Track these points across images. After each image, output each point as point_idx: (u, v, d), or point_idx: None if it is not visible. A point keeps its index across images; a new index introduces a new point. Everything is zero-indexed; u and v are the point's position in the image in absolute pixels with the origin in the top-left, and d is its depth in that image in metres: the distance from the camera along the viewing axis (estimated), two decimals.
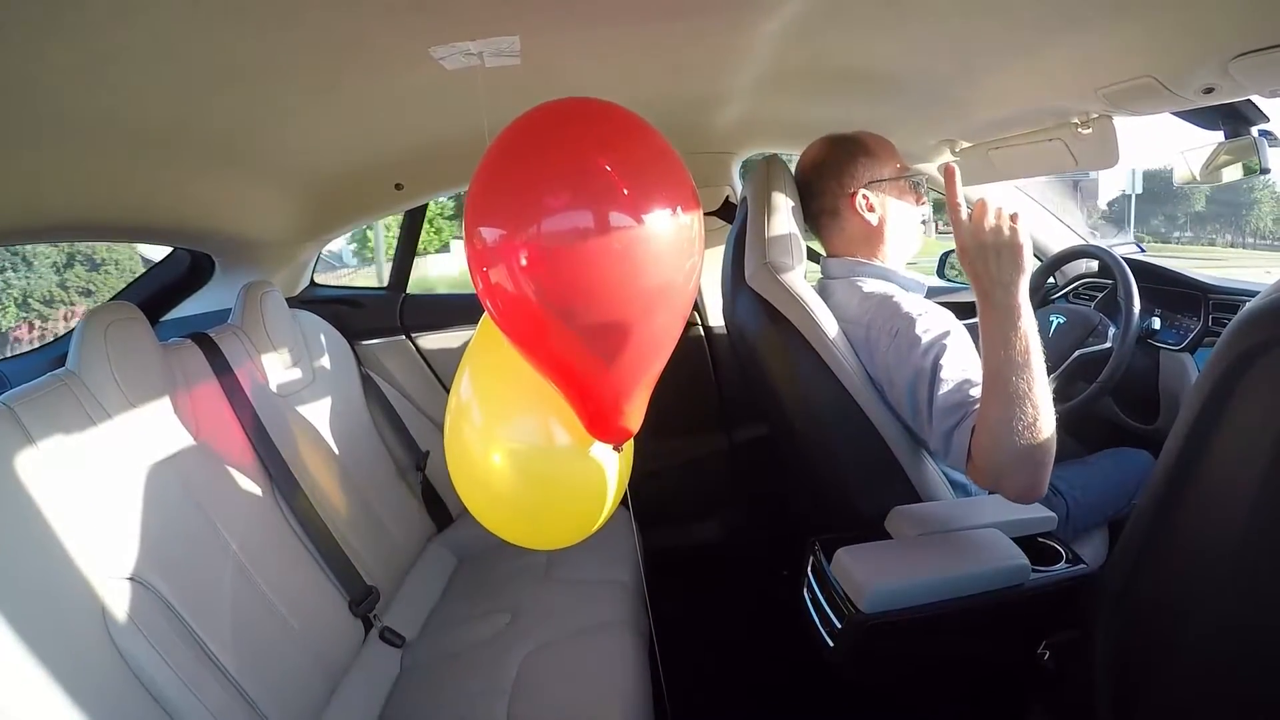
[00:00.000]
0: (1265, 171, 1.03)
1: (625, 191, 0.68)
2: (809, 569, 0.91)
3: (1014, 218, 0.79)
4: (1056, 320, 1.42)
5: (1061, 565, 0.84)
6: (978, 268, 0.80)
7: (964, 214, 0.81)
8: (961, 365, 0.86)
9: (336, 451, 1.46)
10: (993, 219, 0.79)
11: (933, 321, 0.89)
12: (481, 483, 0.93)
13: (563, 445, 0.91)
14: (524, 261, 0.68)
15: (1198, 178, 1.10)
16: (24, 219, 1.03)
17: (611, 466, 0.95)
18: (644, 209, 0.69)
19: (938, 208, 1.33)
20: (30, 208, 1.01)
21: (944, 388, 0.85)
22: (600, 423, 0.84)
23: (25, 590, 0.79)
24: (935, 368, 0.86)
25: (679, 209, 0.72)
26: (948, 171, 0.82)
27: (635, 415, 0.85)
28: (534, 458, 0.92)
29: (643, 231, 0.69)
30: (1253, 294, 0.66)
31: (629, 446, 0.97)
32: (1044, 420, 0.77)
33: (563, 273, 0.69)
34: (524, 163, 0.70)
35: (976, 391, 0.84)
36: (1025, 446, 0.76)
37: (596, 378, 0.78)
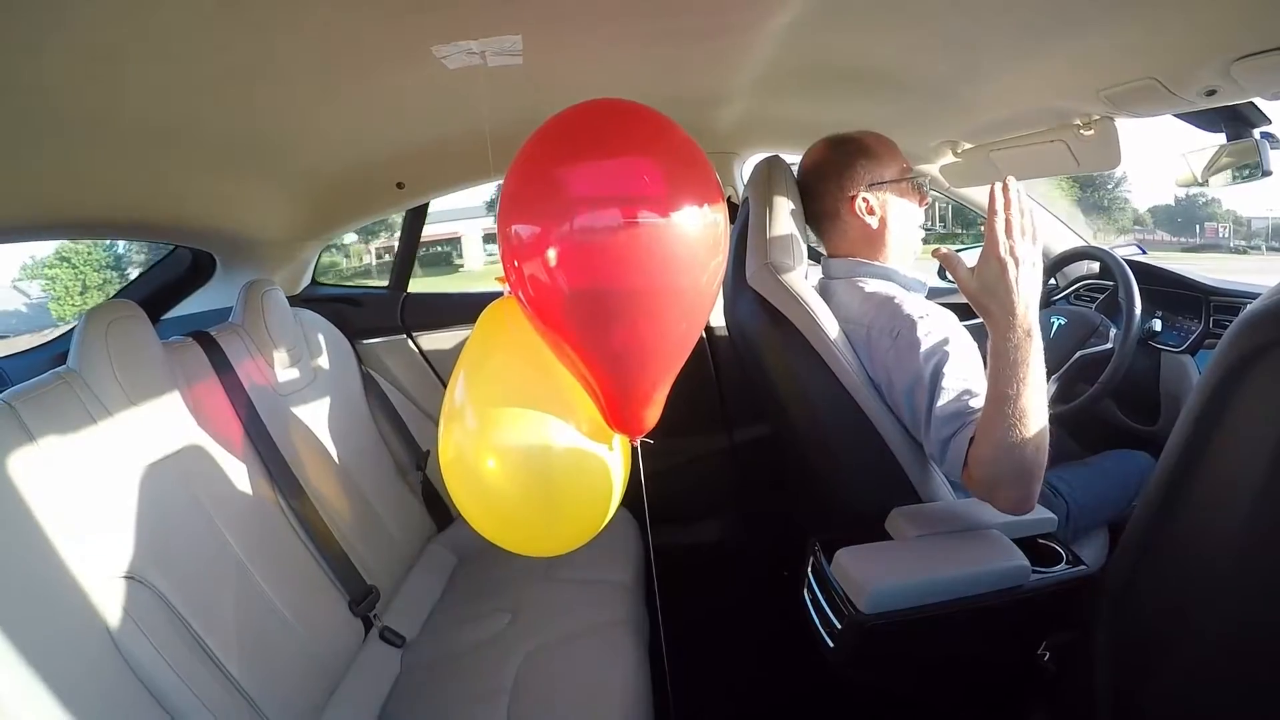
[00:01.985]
0: (1267, 174, 1.03)
1: (660, 192, 0.70)
2: (809, 569, 0.91)
3: (1034, 236, 0.78)
4: (1057, 321, 1.42)
5: (1061, 566, 0.84)
6: (1000, 282, 0.76)
7: (999, 227, 0.78)
8: (962, 374, 0.86)
9: (337, 451, 1.46)
10: (1020, 234, 0.77)
11: (934, 325, 0.89)
12: (478, 493, 0.93)
13: (560, 452, 0.90)
14: (558, 257, 0.70)
15: (1200, 180, 1.10)
16: (25, 217, 1.04)
17: (613, 470, 0.95)
18: (677, 209, 0.70)
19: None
20: (31, 205, 1.01)
21: (944, 396, 0.85)
22: (624, 417, 0.85)
23: (26, 588, 0.79)
24: (936, 375, 0.86)
25: (708, 208, 0.74)
26: (1004, 189, 0.78)
27: (657, 409, 0.87)
28: (530, 466, 0.91)
29: (676, 231, 0.71)
30: (1254, 296, 0.66)
31: (625, 450, 0.97)
32: (1042, 436, 0.77)
33: (596, 269, 0.70)
34: (559, 161, 0.72)
35: (976, 401, 0.83)
36: (1023, 461, 0.76)
37: (625, 372, 0.79)
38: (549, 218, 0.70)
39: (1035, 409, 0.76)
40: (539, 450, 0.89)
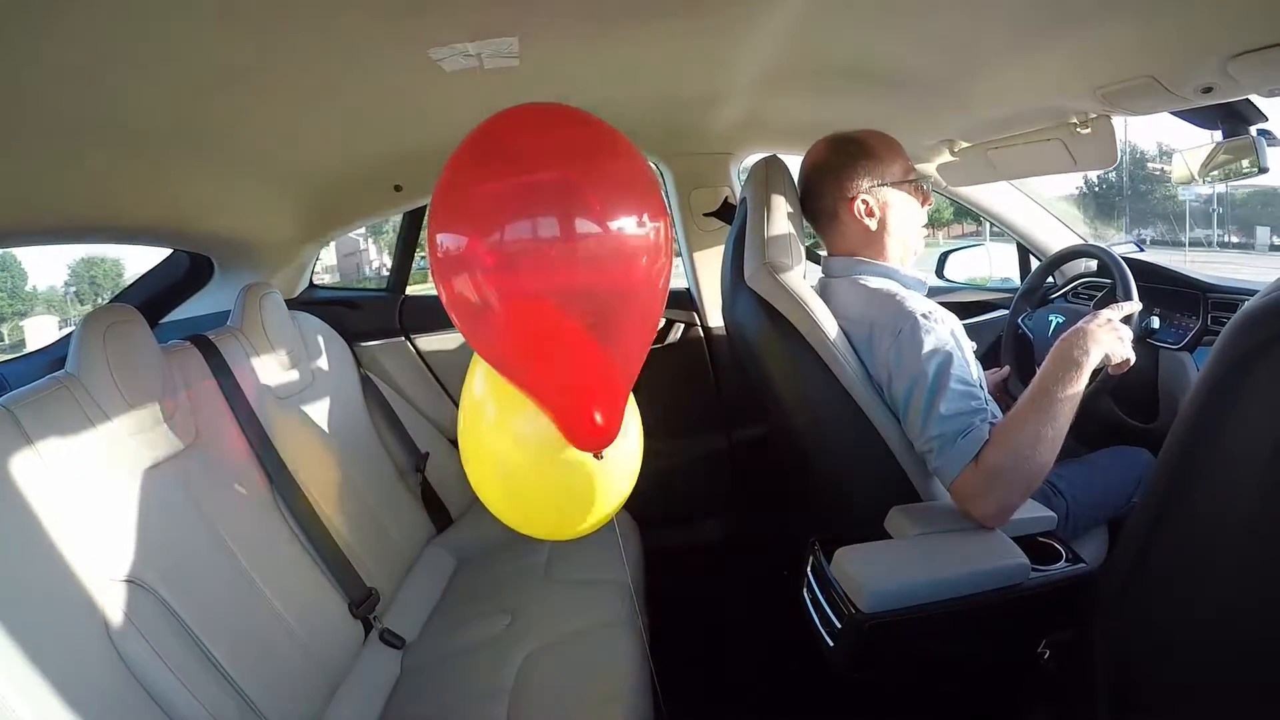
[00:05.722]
0: (1264, 170, 1.03)
1: (586, 198, 0.68)
2: (809, 569, 0.91)
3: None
4: (1055, 320, 1.42)
5: (1061, 564, 0.84)
6: (1093, 336, 0.88)
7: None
8: (965, 376, 0.88)
9: (336, 453, 1.46)
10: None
11: (936, 324, 0.90)
12: (497, 467, 0.93)
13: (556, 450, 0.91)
14: (483, 270, 0.68)
15: (1197, 177, 1.10)
16: (22, 220, 1.03)
17: (613, 470, 0.95)
18: (606, 215, 0.68)
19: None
20: (29, 208, 1.01)
21: (949, 396, 0.86)
22: (575, 429, 0.82)
23: (25, 592, 0.79)
24: (939, 374, 0.87)
25: (645, 216, 0.71)
26: None
27: (611, 420, 0.84)
28: (552, 444, 0.90)
29: (604, 238, 0.68)
30: (1252, 293, 0.66)
31: (638, 446, 0.97)
32: (1052, 452, 0.84)
33: (522, 281, 0.68)
34: (482, 170, 0.70)
35: (978, 403, 0.87)
36: (1029, 475, 0.83)
37: (565, 384, 0.77)
38: (469, 231, 0.68)
39: (1060, 430, 0.83)
40: (535, 449, 0.90)
